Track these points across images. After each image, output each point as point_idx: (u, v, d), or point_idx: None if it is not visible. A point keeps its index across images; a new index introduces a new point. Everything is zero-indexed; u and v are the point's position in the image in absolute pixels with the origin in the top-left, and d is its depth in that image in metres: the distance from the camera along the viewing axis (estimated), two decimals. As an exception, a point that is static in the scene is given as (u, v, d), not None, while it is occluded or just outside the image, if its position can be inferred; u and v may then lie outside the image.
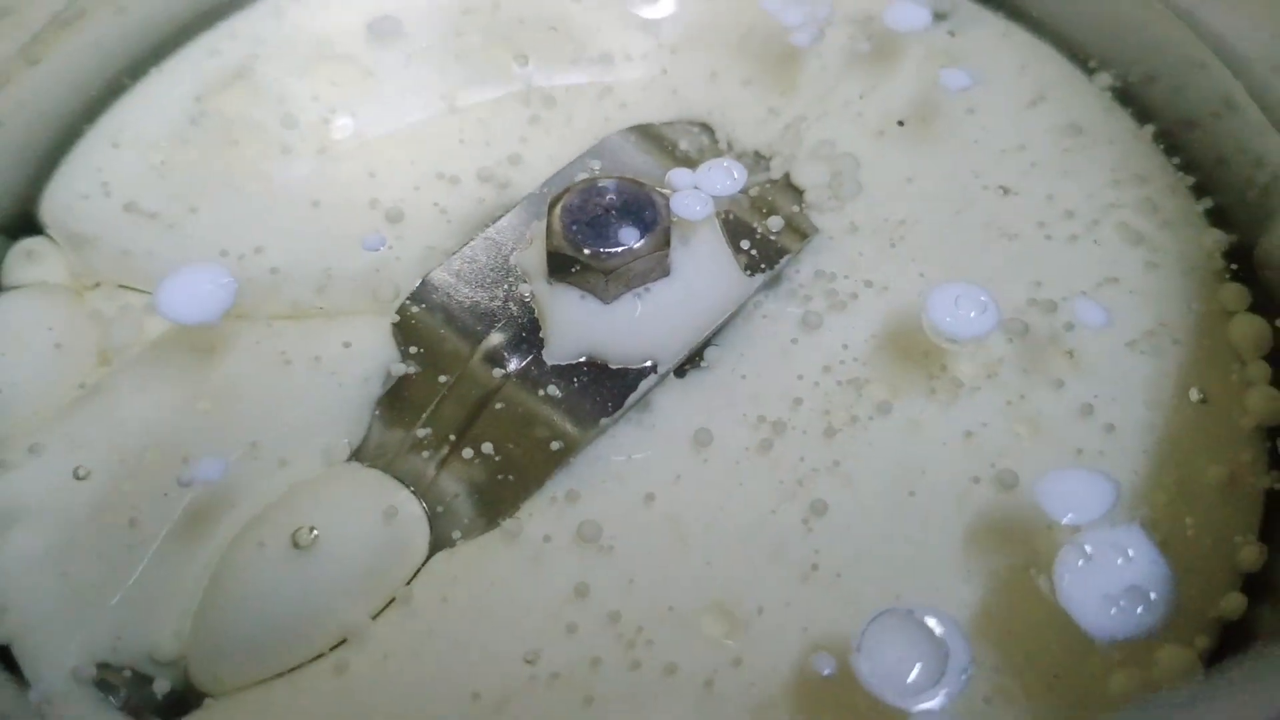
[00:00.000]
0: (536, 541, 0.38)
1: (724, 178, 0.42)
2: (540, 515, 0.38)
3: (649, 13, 0.51)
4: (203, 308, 0.39)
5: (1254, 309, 0.42)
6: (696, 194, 0.41)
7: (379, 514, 0.38)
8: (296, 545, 0.37)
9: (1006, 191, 0.45)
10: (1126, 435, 0.39)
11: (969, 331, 0.39)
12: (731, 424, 0.40)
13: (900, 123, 0.47)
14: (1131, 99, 0.48)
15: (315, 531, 0.37)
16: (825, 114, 0.48)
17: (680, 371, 0.41)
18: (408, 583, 0.37)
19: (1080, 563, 0.33)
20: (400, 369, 0.41)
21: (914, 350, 0.41)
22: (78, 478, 0.39)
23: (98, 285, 0.44)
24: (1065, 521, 0.34)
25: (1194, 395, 0.40)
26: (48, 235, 0.45)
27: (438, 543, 0.38)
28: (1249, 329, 0.42)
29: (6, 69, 0.47)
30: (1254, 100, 0.44)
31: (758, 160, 0.47)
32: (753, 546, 0.37)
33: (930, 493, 0.38)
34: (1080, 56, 0.50)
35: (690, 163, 0.45)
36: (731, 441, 0.39)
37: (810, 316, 0.42)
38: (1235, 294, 0.43)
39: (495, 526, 0.38)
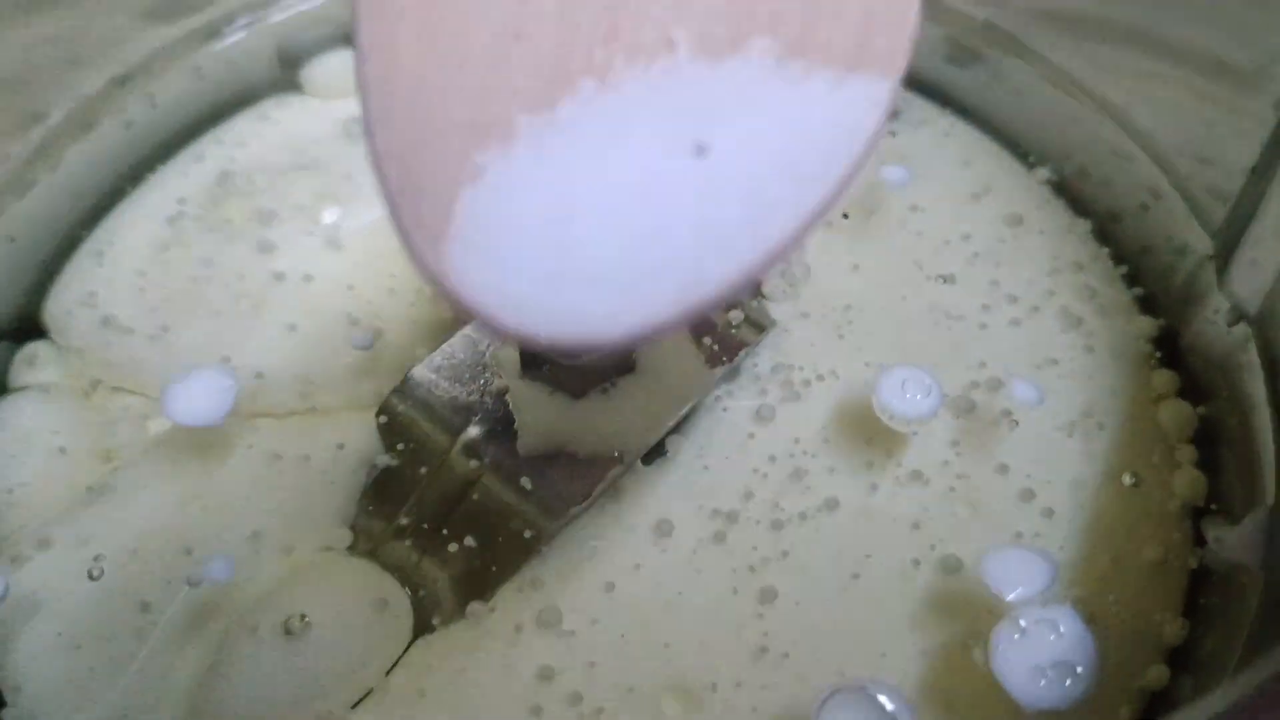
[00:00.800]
0: (504, 628, 0.40)
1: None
2: (508, 602, 0.40)
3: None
4: (207, 410, 0.42)
5: (1181, 394, 0.45)
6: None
7: (369, 604, 0.40)
8: (288, 633, 0.39)
9: (950, 279, 0.48)
10: (1064, 517, 0.42)
11: (916, 413, 0.41)
12: (691, 514, 0.42)
13: (845, 215, 0.50)
14: (1066, 191, 0.51)
15: (307, 619, 0.39)
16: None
17: (647, 460, 0.43)
18: (387, 673, 0.39)
19: (1016, 636, 0.36)
20: (384, 460, 0.43)
21: (860, 436, 0.43)
22: (91, 578, 0.41)
23: (96, 387, 0.46)
24: (1009, 599, 0.37)
25: (1126, 480, 0.43)
26: (51, 339, 0.48)
27: (418, 629, 0.40)
28: (1176, 414, 0.44)
29: (32, 174, 0.49)
30: (1177, 191, 0.46)
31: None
32: (708, 631, 0.39)
33: (875, 575, 0.40)
34: (1020, 151, 0.52)
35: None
36: (689, 532, 0.41)
37: (764, 409, 0.44)
38: (1165, 380, 0.45)
39: (468, 614, 0.40)
